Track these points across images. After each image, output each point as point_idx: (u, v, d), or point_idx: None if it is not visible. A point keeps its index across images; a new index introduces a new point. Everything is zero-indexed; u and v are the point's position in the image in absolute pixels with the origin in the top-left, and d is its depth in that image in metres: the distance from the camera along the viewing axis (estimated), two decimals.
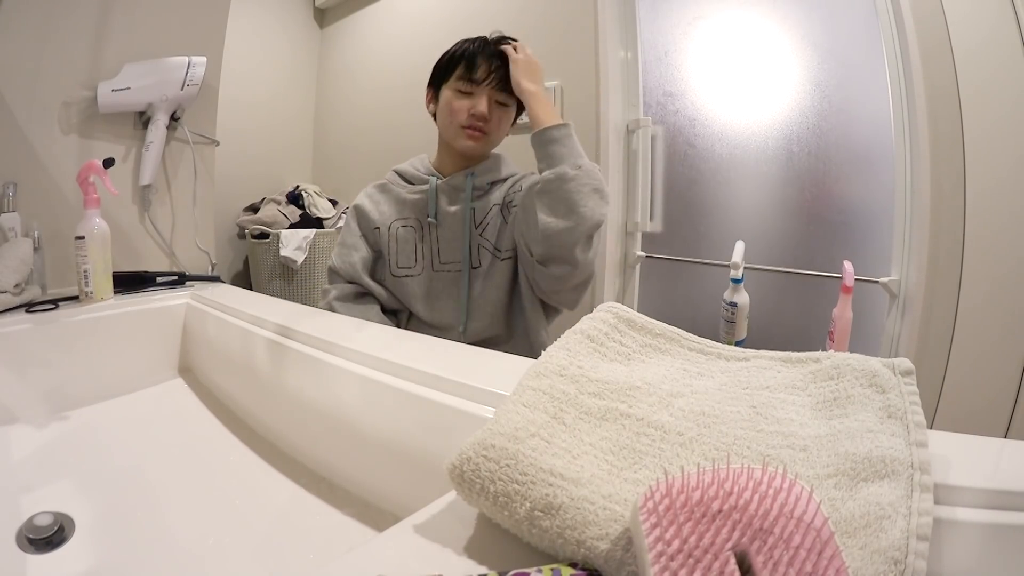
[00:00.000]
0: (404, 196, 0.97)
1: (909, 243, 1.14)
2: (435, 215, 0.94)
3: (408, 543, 0.30)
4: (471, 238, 0.93)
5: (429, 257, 0.95)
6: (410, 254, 0.95)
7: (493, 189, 0.95)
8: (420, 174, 0.98)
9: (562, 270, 0.81)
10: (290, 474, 0.59)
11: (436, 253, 0.94)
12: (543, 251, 0.80)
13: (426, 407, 0.47)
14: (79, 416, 0.73)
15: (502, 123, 0.92)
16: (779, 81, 1.34)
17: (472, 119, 0.89)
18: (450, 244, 0.94)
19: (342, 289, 0.95)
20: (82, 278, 0.82)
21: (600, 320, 0.44)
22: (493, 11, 1.80)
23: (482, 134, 0.90)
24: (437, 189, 0.94)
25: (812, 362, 0.38)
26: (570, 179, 0.78)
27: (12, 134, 0.90)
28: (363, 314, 0.93)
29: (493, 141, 0.93)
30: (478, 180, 0.94)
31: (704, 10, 1.45)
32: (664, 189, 1.55)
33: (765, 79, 1.36)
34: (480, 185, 0.94)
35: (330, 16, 2.58)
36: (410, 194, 0.97)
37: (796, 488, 0.23)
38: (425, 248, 0.95)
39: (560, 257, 0.79)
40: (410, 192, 0.97)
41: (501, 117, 0.91)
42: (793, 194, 1.33)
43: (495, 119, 0.90)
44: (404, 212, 0.97)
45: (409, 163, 1.01)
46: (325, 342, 0.60)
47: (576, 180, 0.78)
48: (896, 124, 1.16)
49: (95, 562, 0.47)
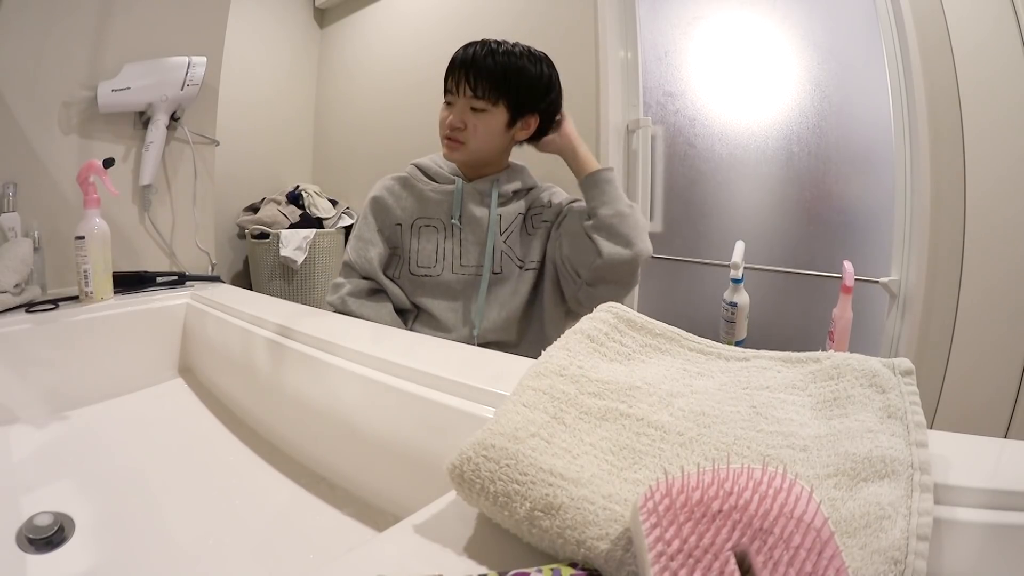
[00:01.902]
0: (427, 194, 0.96)
1: (909, 243, 1.14)
2: (459, 217, 0.94)
3: (408, 543, 0.30)
4: (495, 244, 0.93)
5: (451, 259, 0.95)
6: (431, 254, 0.95)
7: (516, 198, 0.96)
8: (444, 172, 0.97)
9: (610, 291, 0.88)
10: (290, 474, 0.59)
11: (458, 256, 0.94)
12: (595, 275, 0.88)
13: (426, 407, 0.47)
14: (79, 416, 0.73)
15: (478, 129, 0.90)
16: (779, 81, 1.34)
17: (447, 129, 0.91)
18: (472, 248, 0.94)
19: (357, 284, 0.94)
20: (82, 278, 0.82)
21: (600, 320, 0.44)
22: (493, 11, 1.80)
23: (458, 143, 0.91)
24: (463, 191, 0.94)
25: (812, 362, 0.38)
26: (627, 215, 0.88)
27: (12, 134, 0.90)
28: (376, 312, 0.92)
29: (473, 148, 0.92)
30: (503, 187, 0.95)
31: (704, 10, 1.45)
32: (664, 189, 1.55)
33: (765, 79, 1.36)
34: (504, 192, 0.95)
35: (330, 16, 2.58)
36: (434, 192, 0.96)
37: (796, 488, 0.23)
38: (447, 249, 0.95)
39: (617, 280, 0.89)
40: (434, 190, 0.96)
41: (477, 124, 0.90)
42: (793, 194, 1.33)
43: (471, 126, 0.90)
44: (427, 210, 0.96)
45: (431, 159, 1.00)
46: (325, 342, 0.60)
47: (632, 217, 0.89)
48: (896, 124, 1.16)
49: (95, 562, 0.47)
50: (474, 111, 0.89)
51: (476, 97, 0.88)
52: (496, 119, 0.90)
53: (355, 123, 2.44)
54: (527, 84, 0.90)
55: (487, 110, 0.89)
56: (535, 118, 0.93)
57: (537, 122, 0.94)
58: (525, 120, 0.93)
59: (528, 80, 0.90)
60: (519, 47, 0.91)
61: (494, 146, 0.93)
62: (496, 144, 0.93)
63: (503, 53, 0.89)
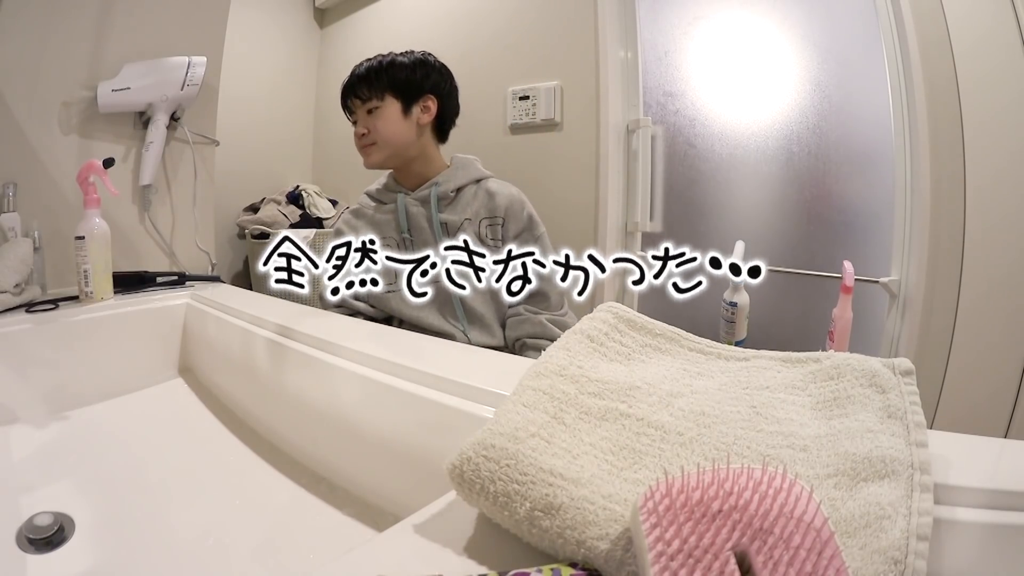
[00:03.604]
0: (376, 217, 0.99)
1: (909, 243, 1.14)
2: (408, 230, 0.95)
3: (408, 543, 0.30)
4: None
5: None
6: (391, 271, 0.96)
7: (461, 196, 0.96)
8: (387, 192, 1.00)
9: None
10: (290, 474, 0.59)
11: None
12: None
13: (426, 407, 0.47)
14: (79, 416, 0.73)
15: (378, 125, 0.94)
16: (779, 81, 1.33)
17: (357, 141, 0.98)
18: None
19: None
20: (82, 278, 0.82)
21: (600, 320, 0.44)
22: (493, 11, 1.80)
23: (369, 146, 0.96)
24: (405, 204, 0.96)
25: (812, 362, 0.38)
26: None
27: (12, 134, 0.90)
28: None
29: (382, 145, 0.95)
30: (442, 189, 0.95)
31: (704, 10, 1.45)
32: (664, 189, 1.54)
33: (765, 79, 1.36)
34: (444, 194, 0.95)
35: (330, 16, 2.58)
36: (382, 213, 0.98)
37: (796, 488, 0.23)
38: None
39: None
40: (381, 211, 0.99)
41: (375, 122, 0.94)
42: (793, 194, 1.33)
43: (372, 128, 0.95)
44: (381, 231, 0.98)
45: (376, 183, 1.03)
46: (325, 342, 0.60)
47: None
48: (896, 124, 1.16)
49: (95, 562, 0.47)
50: (369, 113, 0.95)
51: (363, 100, 0.95)
52: (390, 109, 0.94)
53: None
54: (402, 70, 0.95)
55: (378, 106, 0.94)
56: (431, 99, 0.97)
57: (435, 103, 0.98)
58: (422, 103, 0.97)
59: (401, 67, 0.95)
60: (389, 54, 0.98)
61: (402, 137, 0.95)
62: (403, 134, 0.95)
63: (371, 60, 0.97)
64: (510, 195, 0.96)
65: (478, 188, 0.96)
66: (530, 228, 0.95)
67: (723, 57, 1.43)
